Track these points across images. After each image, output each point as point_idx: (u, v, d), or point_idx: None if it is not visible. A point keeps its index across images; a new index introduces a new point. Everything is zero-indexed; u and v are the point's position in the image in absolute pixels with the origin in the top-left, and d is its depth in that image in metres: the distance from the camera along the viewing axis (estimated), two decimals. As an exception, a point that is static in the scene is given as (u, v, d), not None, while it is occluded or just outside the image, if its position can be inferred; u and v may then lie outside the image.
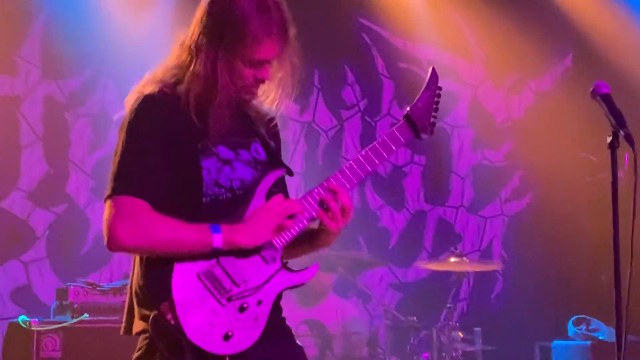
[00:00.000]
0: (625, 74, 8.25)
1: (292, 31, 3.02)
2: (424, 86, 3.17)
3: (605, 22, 8.39)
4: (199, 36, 2.96)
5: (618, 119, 3.14)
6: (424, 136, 3.17)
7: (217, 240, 2.84)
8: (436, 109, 3.18)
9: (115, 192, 2.85)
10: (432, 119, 3.17)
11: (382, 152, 3.09)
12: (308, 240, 3.12)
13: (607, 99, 3.17)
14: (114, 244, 2.83)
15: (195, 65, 2.95)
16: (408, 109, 3.14)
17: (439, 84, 3.19)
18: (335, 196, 3.00)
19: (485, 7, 8.32)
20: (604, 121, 3.22)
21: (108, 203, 2.85)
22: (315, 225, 3.08)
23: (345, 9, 8.10)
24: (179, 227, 2.84)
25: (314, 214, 3.00)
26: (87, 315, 5.80)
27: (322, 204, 2.99)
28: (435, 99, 3.18)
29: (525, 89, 8.75)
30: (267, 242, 2.93)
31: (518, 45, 8.48)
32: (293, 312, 6.52)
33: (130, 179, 2.87)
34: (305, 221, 3.00)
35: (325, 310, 6.83)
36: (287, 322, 3.13)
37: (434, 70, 3.21)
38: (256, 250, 2.92)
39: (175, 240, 2.83)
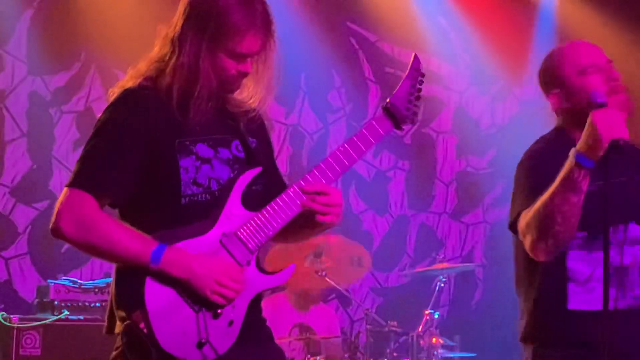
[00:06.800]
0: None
1: (274, 26, 3.00)
2: (405, 75, 3.10)
3: (592, 31, 8.42)
4: (182, 28, 2.96)
5: None
6: (404, 127, 3.10)
7: (153, 267, 2.81)
8: (418, 98, 3.09)
9: (71, 184, 2.88)
10: (413, 109, 3.09)
11: (361, 145, 3.03)
12: (310, 224, 3.07)
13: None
14: (54, 230, 2.88)
15: (178, 57, 2.94)
16: (388, 100, 3.08)
17: (422, 71, 3.11)
18: (315, 198, 2.99)
19: (472, 13, 8.34)
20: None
21: (64, 191, 2.89)
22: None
23: (333, 13, 8.10)
24: (121, 235, 2.83)
25: (291, 215, 2.99)
26: (68, 313, 5.79)
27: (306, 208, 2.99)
28: (418, 86, 3.10)
29: (510, 96, 8.77)
30: (240, 244, 2.92)
31: (504, 52, 8.50)
32: (287, 314, 6.56)
33: (87, 174, 2.87)
34: (281, 222, 2.98)
35: (313, 314, 6.83)
36: (283, 324, 3.12)
37: (416, 57, 3.14)
38: (229, 254, 2.91)
39: (110, 249, 2.83)
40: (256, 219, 2.95)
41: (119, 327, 2.86)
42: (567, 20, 8.53)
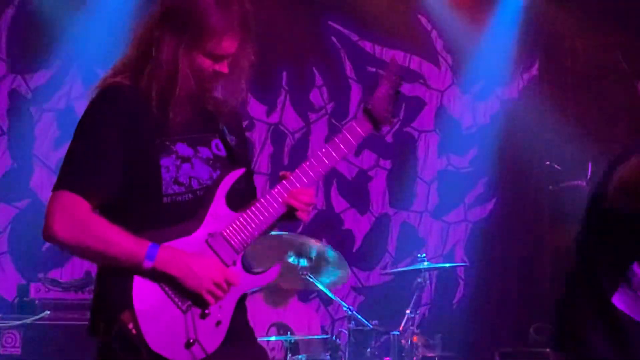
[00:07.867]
0: (592, 84, 8.32)
1: (253, 27, 3.01)
2: (383, 77, 3.13)
3: (572, 31, 8.45)
4: (158, 29, 2.95)
5: None
6: (384, 128, 3.13)
7: (147, 265, 2.81)
8: (396, 100, 3.13)
9: (60, 186, 2.88)
10: (391, 110, 3.12)
11: (342, 147, 3.07)
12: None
13: None
14: (47, 235, 2.89)
15: (155, 57, 2.93)
16: (368, 101, 3.11)
17: (400, 74, 3.14)
18: (297, 197, 3.01)
19: (452, 12, 8.35)
20: (567, 130, 3.22)
21: (52, 195, 2.88)
22: None
23: (315, 12, 8.10)
24: (114, 236, 2.82)
25: (276, 215, 3.00)
26: (48, 312, 5.76)
27: (289, 207, 3.00)
28: (396, 89, 3.13)
29: (491, 95, 8.79)
30: (226, 244, 2.92)
31: (485, 51, 8.52)
32: (263, 314, 6.53)
33: (75, 176, 2.87)
34: (266, 222, 3.00)
35: (291, 313, 6.81)
36: (259, 323, 3.13)
37: (393, 60, 3.18)
38: (215, 254, 2.91)
39: (105, 250, 2.82)
40: (241, 219, 2.96)
41: (103, 328, 2.85)
42: (548, 19, 8.56)
